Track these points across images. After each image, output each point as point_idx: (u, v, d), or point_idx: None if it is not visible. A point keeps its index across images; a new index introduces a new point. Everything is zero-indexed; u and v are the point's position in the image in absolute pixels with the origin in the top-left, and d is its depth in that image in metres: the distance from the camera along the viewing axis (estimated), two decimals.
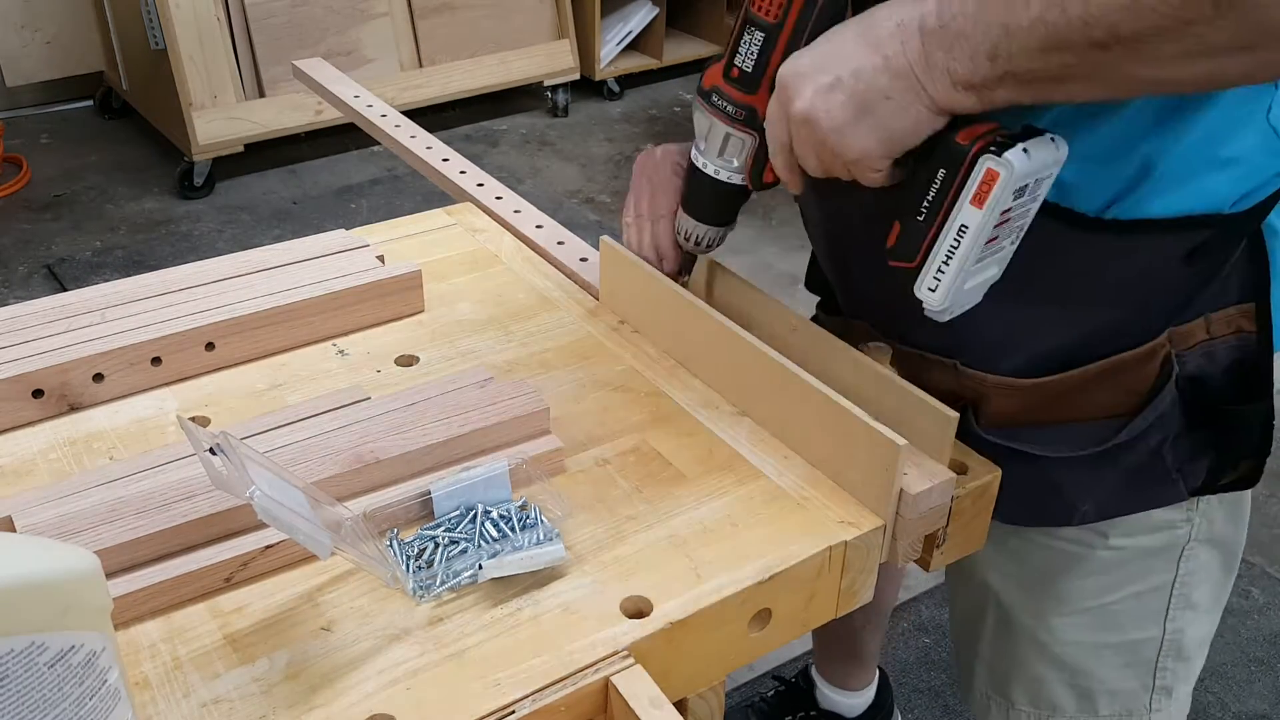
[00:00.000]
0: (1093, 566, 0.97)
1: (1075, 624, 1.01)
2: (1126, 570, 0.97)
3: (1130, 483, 0.91)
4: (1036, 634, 1.03)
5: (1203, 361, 0.88)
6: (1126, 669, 1.03)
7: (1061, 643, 1.02)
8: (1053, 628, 1.02)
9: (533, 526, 0.79)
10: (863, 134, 0.75)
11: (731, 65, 0.84)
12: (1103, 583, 0.98)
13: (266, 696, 0.68)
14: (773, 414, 0.90)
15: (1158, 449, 0.90)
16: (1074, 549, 0.97)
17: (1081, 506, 0.92)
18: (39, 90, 3.80)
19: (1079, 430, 0.90)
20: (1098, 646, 1.02)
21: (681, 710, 0.76)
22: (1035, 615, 1.02)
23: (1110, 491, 0.92)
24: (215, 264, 1.05)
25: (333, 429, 0.85)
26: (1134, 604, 0.99)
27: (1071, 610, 1.00)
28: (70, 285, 2.85)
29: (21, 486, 0.84)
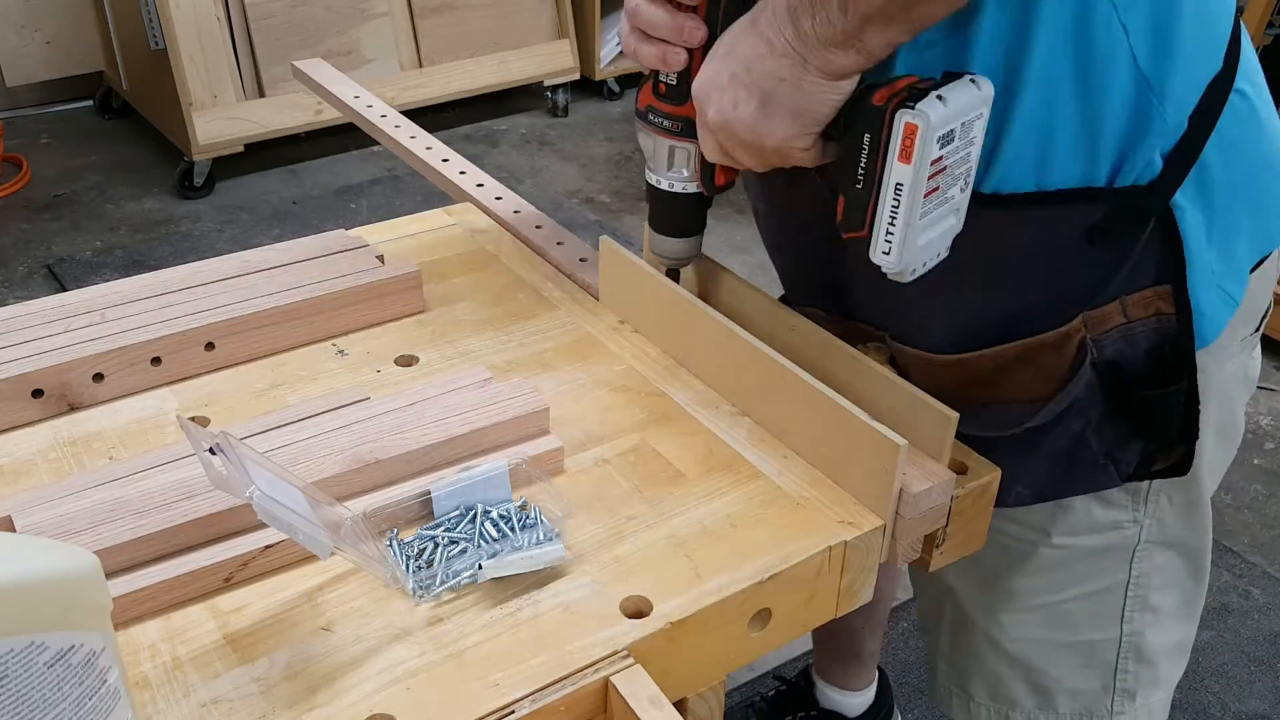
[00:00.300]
0: (1039, 564, 0.99)
1: (1026, 621, 1.02)
2: (1074, 570, 0.99)
3: (1058, 467, 0.92)
4: (989, 630, 1.05)
5: (1122, 345, 0.88)
6: (1086, 669, 1.03)
7: (1013, 639, 1.03)
8: (1004, 624, 1.03)
9: (533, 526, 0.79)
10: (775, 122, 0.76)
11: (658, 82, 0.87)
12: (1051, 580, 0.99)
13: (266, 696, 0.68)
14: (773, 414, 0.90)
15: (1081, 433, 0.90)
16: (1019, 545, 0.99)
17: (1014, 487, 0.93)
18: (39, 90, 3.80)
19: (1000, 412, 0.91)
20: (1053, 645, 1.03)
21: (681, 710, 0.76)
22: (987, 611, 1.04)
23: (1040, 475, 0.93)
24: (215, 264, 1.05)
25: (333, 429, 0.85)
26: (1087, 603, 1.00)
27: (1021, 607, 1.02)
28: (70, 285, 2.85)
29: (21, 486, 0.84)
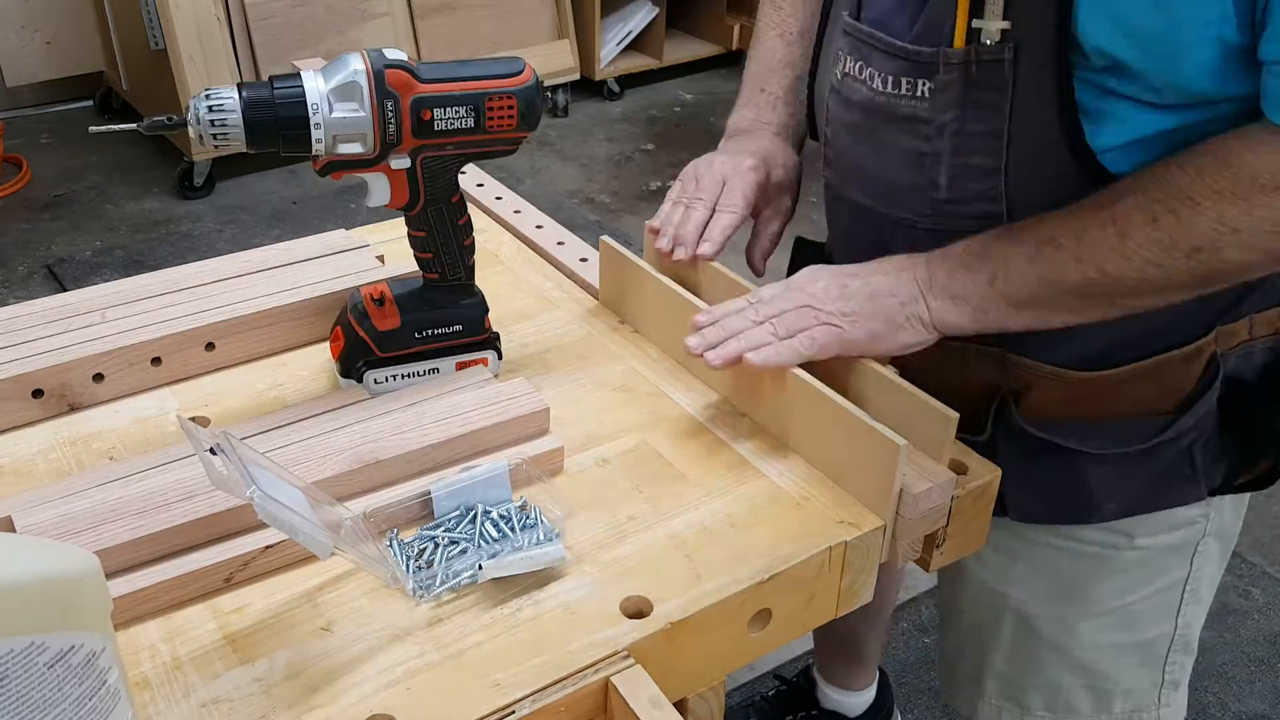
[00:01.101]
0: (1117, 566, 0.97)
1: (1099, 626, 1.00)
2: (1148, 569, 0.97)
3: (1156, 482, 0.91)
4: (1060, 639, 1.02)
5: (1239, 362, 0.88)
6: (1140, 667, 1.03)
7: (1084, 646, 1.02)
8: (1078, 632, 1.01)
9: (532, 527, 0.79)
10: (866, 325, 0.87)
11: None
12: (1125, 582, 0.98)
13: (266, 696, 0.68)
14: (773, 414, 0.90)
15: (1189, 449, 0.90)
16: (1101, 551, 0.97)
17: (1105, 504, 0.92)
18: (39, 90, 3.80)
19: (1118, 426, 0.90)
20: (1117, 647, 1.02)
21: (681, 710, 0.76)
22: (1060, 621, 1.02)
23: (1135, 490, 0.92)
24: (215, 264, 1.05)
25: (333, 429, 0.85)
26: (1152, 602, 0.99)
27: (1096, 613, 1.00)
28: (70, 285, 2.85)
29: (21, 486, 0.84)
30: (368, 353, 0.91)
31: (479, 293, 0.95)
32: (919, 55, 0.84)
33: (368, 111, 0.80)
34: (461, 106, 0.83)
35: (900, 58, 0.86)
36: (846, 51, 0.92)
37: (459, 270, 0.92)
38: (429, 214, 0.88)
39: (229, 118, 0.77)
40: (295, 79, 0.79)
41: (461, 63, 0.84)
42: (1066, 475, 0.92)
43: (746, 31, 4.19)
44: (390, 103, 0.81)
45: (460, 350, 0.94)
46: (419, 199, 0.87)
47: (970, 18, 0.80)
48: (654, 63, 4.17)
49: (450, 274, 0.92)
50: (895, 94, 0.87)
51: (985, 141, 0.83)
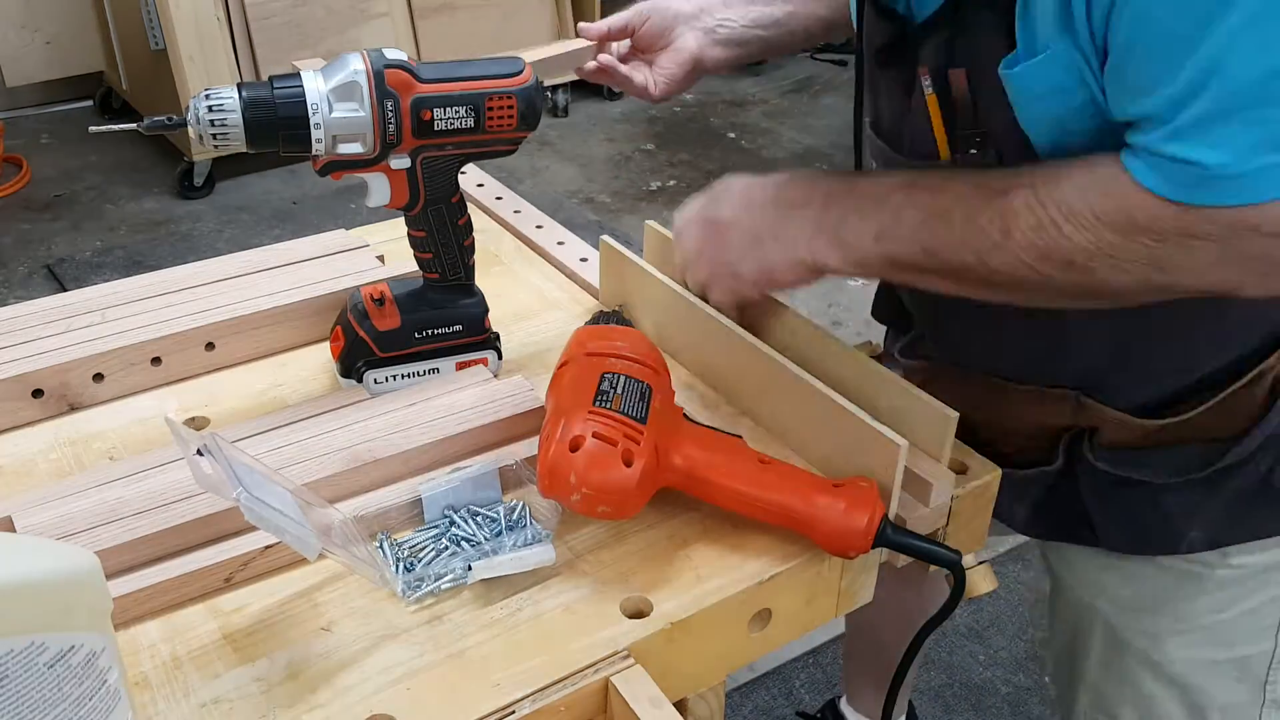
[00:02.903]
0: (1210, 585, 0.96)
1: (1190, 642, 0.99)
2: (1244, 586, 0.96)
3: (1239, 508, 0.90)
4: (1151, 654, 1.01)
5: None
6: (1238, 683, 1.01)
7: (1175, 661, 1.00)
8: (1168, 648, 1.00)
9: (522, 528, 0.79)
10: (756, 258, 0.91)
11: None
12: (1219, 600, 0.97)
13: (266, 696, 0.68)
14: (773, 414, 0.90)
15: (1269, 473, 0.89)
16: (1195, 569, 0.96)
17: (1189, 533, 0.92)
18: (39, 90, 3.80)
19: (1187, 453, 0.89)
20: (1212, 663, 1.00)
21: (681, 710, 0.76)
22: (1150, 637, 1.00)
23: (1220, 517, 0.91)
24: (215, 264, 1.05)
25: (332, 429, 0.85)
26: (1248, 619, 0.97)
27: (1187, 629, 0.99)
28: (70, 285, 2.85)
29: (21, 486, 0.84)
30: (368, 353, 0.91)
31: (479, 293, 0.95)
32: (912, 165, 0.89)
33: (367, 111, 0.80)
34: (461, 106, 0.83)
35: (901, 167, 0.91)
36: (874, 160, 0.97)
37: (459, 270, 0.92)
38: (429, 214, 0.88)
39: (229, 118, 0.77)
40: (295, 79, 0.79)
41: (461, 63, 0.84)
42: (1146, 506, 0.91)
43: None
44: (390, 103, 0.81)
45: (460, 350, 0.94)
46: (419, 199, 0.87)
47: (948, 131, 0.85)
48: None
49: (450, 274, 0.92)
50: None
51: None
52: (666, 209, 3.39)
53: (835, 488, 0.77)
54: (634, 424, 0.75)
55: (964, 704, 1.87)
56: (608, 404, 0.75)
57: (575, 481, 0.73)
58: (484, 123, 0.84)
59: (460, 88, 0.83)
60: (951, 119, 0.84)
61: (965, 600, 0.82)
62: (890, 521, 0.77)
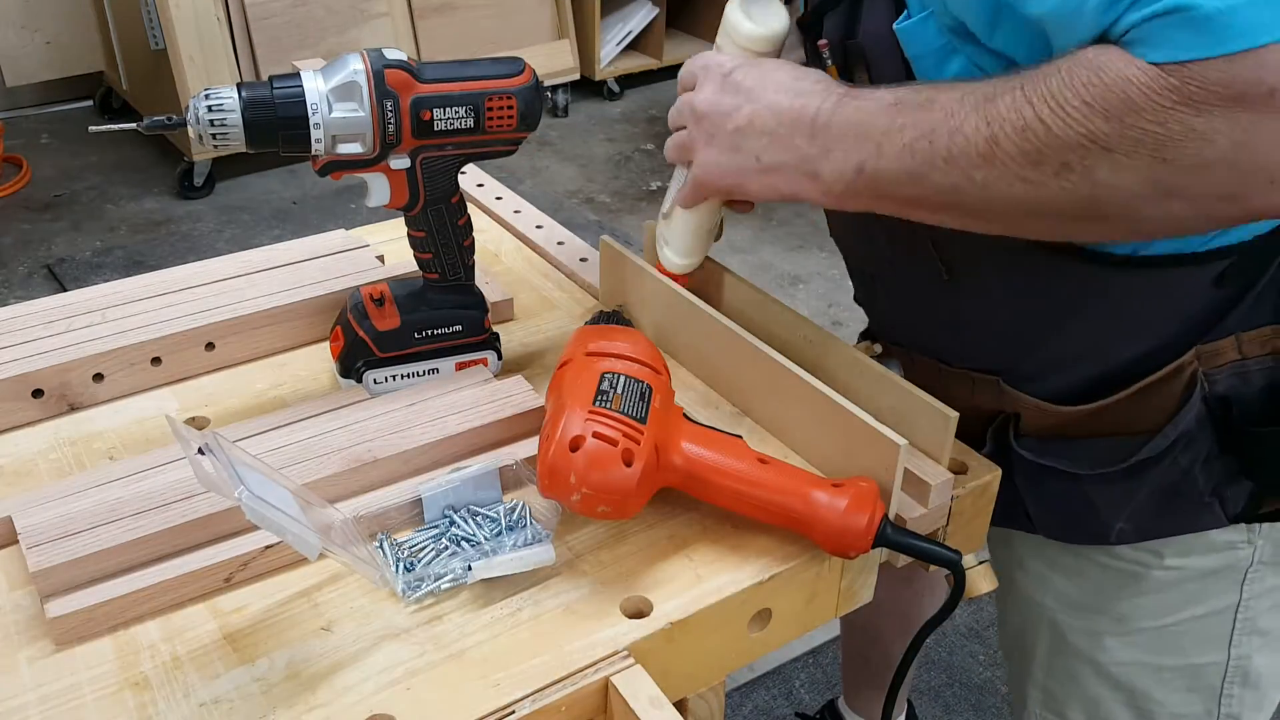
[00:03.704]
0: (1149, 586, 0.95)
1: (1132, 644, 0.99)
2: (1185, 591, 0.95)
3: (1163, 503, 0.90)
4: (1093, 654, 1.01)
5: (1235, 382, 0.86)
6: (1190, 693, 1.00)
7: (1118, 663, 1.00)
8: (1108, 648, 1.00)
9: (522, 528, 0.79)
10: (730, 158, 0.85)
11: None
12: (1161, 603, 0.96)
13: (266, 696, 0.68)
14: (773, 414, 0.90)
15: (1189, 469, 0.88)
16: (1130, 568, 0.95)
17: (1116, 524, 0.91)
18: (39, 90, 3.80)
19: (1106, 445, 0.89)
20: (1158, 668, 0.99)
21: (681, 710, 0.76)
22: (1090, 635, 1.00)
23: (1144, 511, 0.91)
24: (215, 264, 1.05)
25: (332, 429, 0.85)
26: (1195, 626, 0.97)
27: (1128, 630, 0.98)
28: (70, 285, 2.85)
29: (21, 486, 0.84)
30: (367, 353, 0.91)
31: (479, 293, 0.95)
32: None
33: (367, 111, 0.80)
34: (461, 106, 0.83)
35: None
36: None
37: (459, 270, 0.92)
38: (429, 214, 0.88)
39: (228, 117, 0.77)
40: (295, 79, 0.79)
41: (461, 63, 0.84)
42: (1073, 495, 0.92)
43: None
44: (390, 103, 0.81)
45: (460, 350, 0.94)
46: (419, 199, 0.87)
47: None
48: (654, 63, 4.17)
49: (450, 274, 0.92)
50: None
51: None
52: None
53: (835, 488, 0.77)
54: (634, 424, 0.75)
55: (964, 704, 1.87)
56: (608, 404, 0.76)
57: (575, 481, 0.73)
58: (484, 123, 0.84)
59: (460, 88, 0.83)
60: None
61: (965, 600, 0.82)
62: (890, 521, 0.77)
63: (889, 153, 0.76)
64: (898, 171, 0.75)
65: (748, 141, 0.82)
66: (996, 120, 0.70)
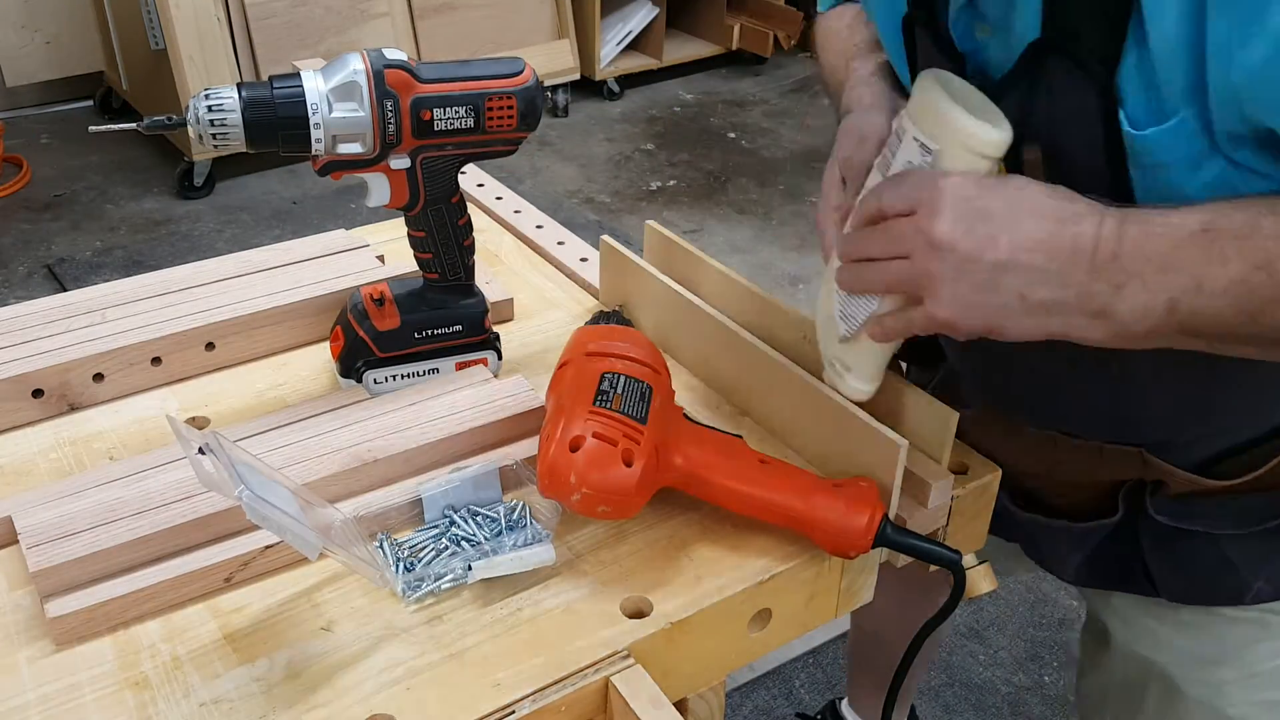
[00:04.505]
0: (1275, 631, 0.93)
1: (1254, 686, 0.97)
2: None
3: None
4: (1213, 702, 0.98)
5: None
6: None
7: (1235, 704, 0.98)
8: (1229, 694, 0.97)
9: (522, 528, 0.79)
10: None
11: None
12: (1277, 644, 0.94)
13: (266, 696, 0.68)
14: (773, 414, 0.90)
15: None
16: (1260, 617, 0.93)
17: (1255, 583, 0.89)
18: (39, 90, 3.80)
19: (1252, 503, 0.86)
20: (1268, 704, 0.98)
21: (681, 710, 0.76)
22: (1212, 687, 0.98)
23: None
24: (215, 264, 1.05)
25: (332, 429, 0.85)
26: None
27: (1251, 675, 0.96)
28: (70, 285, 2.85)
29: (21, 486, 0.84)
30: (367, 353, 0.91)
31: (479, 293, 0.95)
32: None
33: (367, 111, 0.80)
34: (461, 106, 0.83)
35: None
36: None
37: (459, 270, 0.92)
38: (429, 214, 0.88)
39: (229, 117, 0.77)
40: (295, 79, 0.79)
41: (461, 63, 0.84)
42: (1211, 556, 0.88)
43: (746, 31, 4.19)
44: (390, 103, 0.81)
45: (460, 350, 0.94)
46: (419, 199, 0.87)
47: None
48: (654, 63, 4.17)
49: (450, 274, 0.92)
50: None
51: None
52: (666, 209, 3.39)
53: (835, 488, 0.77)
54: (634, 424, 0.75)
55: (964, 704, 1.87)
56: (608, 404, 0.76)
57: (575, 481, 0.73)
58: (484, 123, 0.84)
59: (460, 88, 0.83)
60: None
61: (965, 600, 0.82)
62: (890, 521, 0.77)
63: (1213, 288, 0.66)
64: (1225, 308, 0.66)
65: (1008, 278, 0.69)
66: None
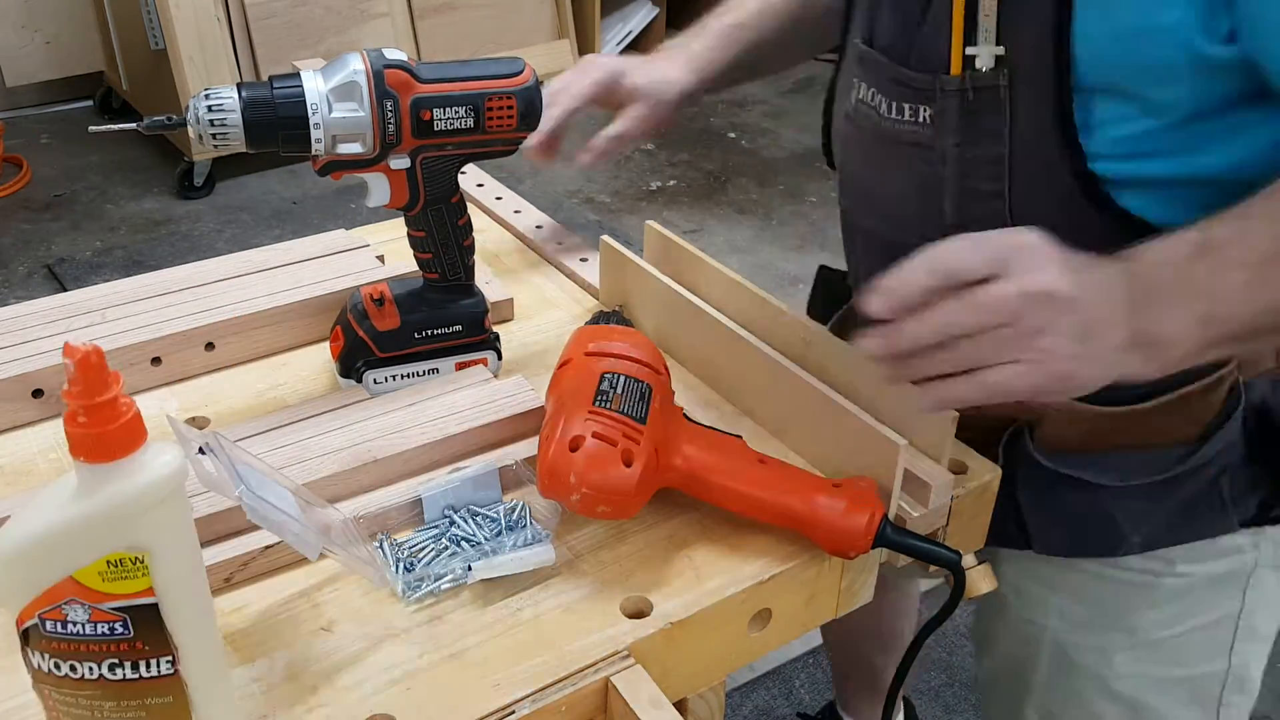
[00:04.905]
0: (1160, 596, 0.94)
1: (1139, 658, 0.97)
2: (1193, 599, 0.94)
3: (1183, 513, 0.89)
4: (1100, 671, 0.99)
5: (1267, 390, 0.86)
6: (1191, 704, 0.99)
7: (1123, 677, 0.98)
8: (1115, 663, 0.98)
9: (522, 528, 0.79)
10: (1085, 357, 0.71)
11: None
12: (1169, 613, 0.95)
13: (266, 696, 0.68)
14: (773, 414, 0.90)
15: (1216, 479, 0.87)
16: (1141, 578, 0.93)
17: (1132, 537, 0.90)
18: (39, 90, 3.80)
19: (1139, 458, 0.87)
20: (1162, 681, 0.98)
21: (681, 710, 0.76)
22: (1099, 652, 0.98)
23: (1162, 522, 0.89)
24: (215, 264, 1.05)
25: (332, 429, 0.85)
26: (1200, 635, 0.96)
27: (1136, 644, 0.97)
28: (70, 285, 2.85)
29: (21, 486, 0.84)
30: (367, 353, 0.91)
31: (479, 293, 0.95)
32: (916, 81, 0.84)
33: (367, 111, 0.80)
34: (461, 107, 0.83)
35: (902, 84, 0.86)
36: (860, 77, 0.92)
37: (459, 270, 0.92)
38: (429, 214, 0.88)
39: (228, 117, 0.77)
40: (295, 79, 0.79)
41: (461, 63, 0.84)
42: (1089, 508, 0.89)
43: None
44: (390, 103, 0.81)
45: (460, 350, 0.94)
46: (419, 199, 0.87)
47: (964, 44, 0.80)
48: None
49: (450, 274, 0.92)
50: (899, 119, 0.87)
51: (988, 166, 0.82)
52: (666, 209, 3.39)
53: (835, 488, 0.77)
54: (634, 424, 0.75)
55: (964, 704, 1.87)
56: (608, 404, 0.76)
57: (575, 481, 0.73)
58: (484, 123, 0.84)
59: (460, 88, 0.83)
60: (972, 31, 0.79)
61: (965, 600, 0.82)
62: (890, 521, 0.77)
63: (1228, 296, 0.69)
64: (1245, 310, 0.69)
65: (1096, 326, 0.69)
66: None
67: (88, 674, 0.57)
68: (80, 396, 0.52)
